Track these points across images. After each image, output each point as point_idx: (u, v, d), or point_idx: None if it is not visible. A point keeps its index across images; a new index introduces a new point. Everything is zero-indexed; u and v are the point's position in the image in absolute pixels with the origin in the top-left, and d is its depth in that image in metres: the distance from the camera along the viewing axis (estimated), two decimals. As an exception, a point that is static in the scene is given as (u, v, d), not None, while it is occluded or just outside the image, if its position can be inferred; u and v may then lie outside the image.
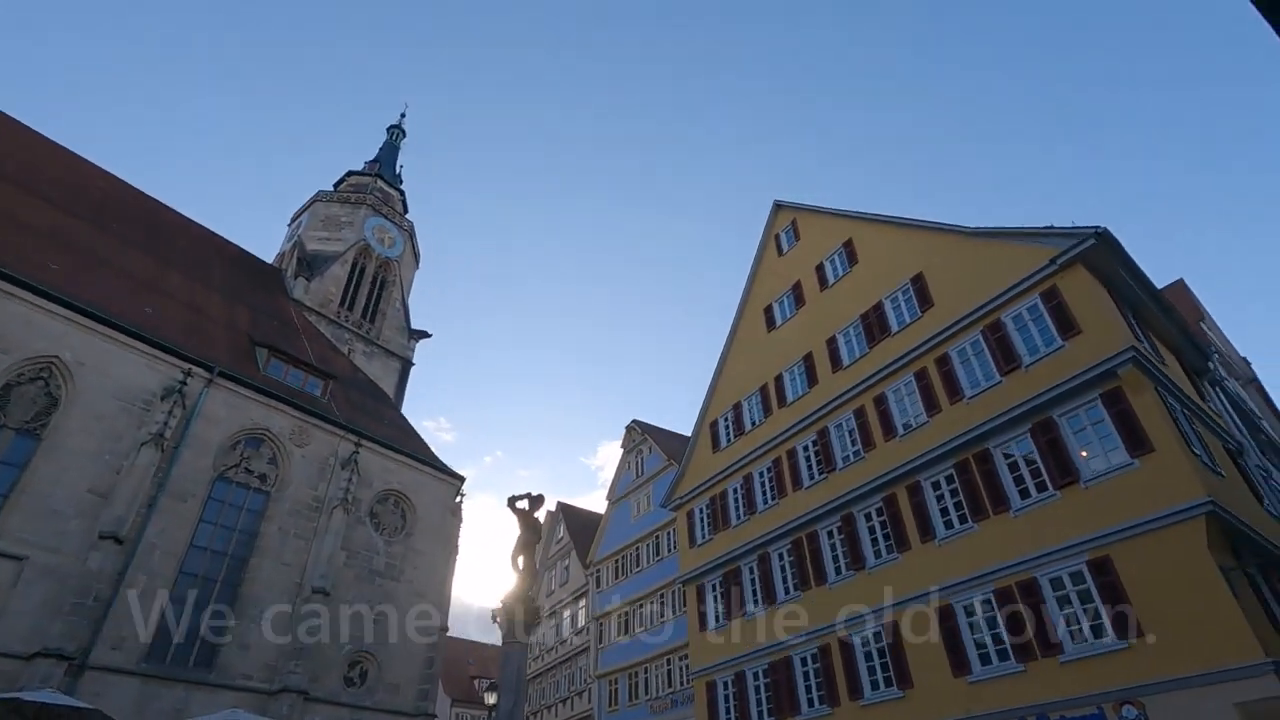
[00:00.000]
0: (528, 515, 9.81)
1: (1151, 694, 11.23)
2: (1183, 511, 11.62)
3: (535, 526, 9.68)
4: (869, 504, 17.25)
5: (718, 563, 21.22)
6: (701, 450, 23.91)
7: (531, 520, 9.75)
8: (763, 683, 18.50)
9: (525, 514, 9.83)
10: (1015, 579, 13.65)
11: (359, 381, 31.42)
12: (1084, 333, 13.92)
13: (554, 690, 33.78)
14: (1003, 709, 13.02)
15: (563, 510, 38.11)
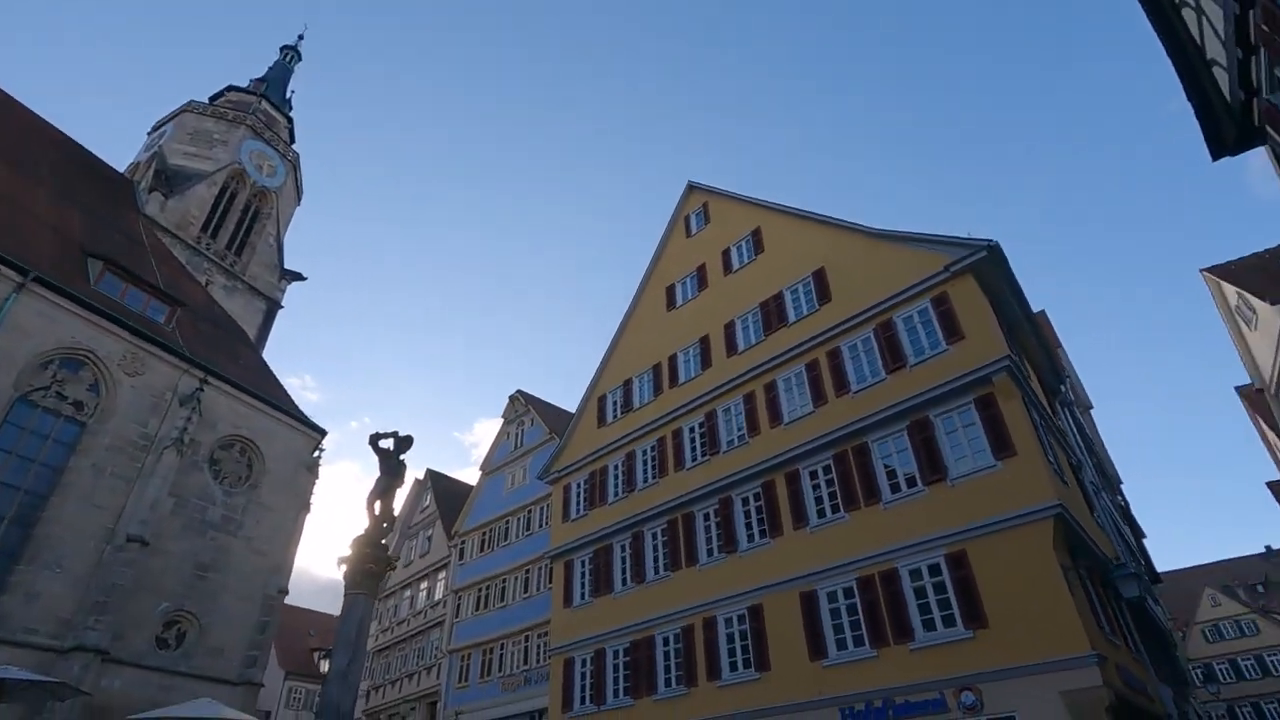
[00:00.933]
0: (391, 457, 8.75)
1: (989, 681, 11.83)
2: (1036, 512, 12.33)
3: (398, 470, 8.64)
4: (748, 489, 17.31)
5: (590, 539, 20.68)
6: (586, 424, 23.27)
7: (395, 463, 8.69)
8: (622, 661, 18.17)
9: (388, 455, 8.76)
10: (878, 569, 14.04)
11: (215, 315, 28.16)
12: (967, 339, 14.53)
13: (400, 664, 32.04)
14: (852, 692, 13.34)
15: (431, 478, 36.22)
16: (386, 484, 8.38)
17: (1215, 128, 10.50)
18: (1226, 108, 10.16)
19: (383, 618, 35.27)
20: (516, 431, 31.44)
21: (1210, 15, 9.24)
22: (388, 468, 8.55)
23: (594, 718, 18.03)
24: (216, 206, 35.38)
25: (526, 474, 28.99)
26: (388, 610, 35.14)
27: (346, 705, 7.13)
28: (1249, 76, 9.24)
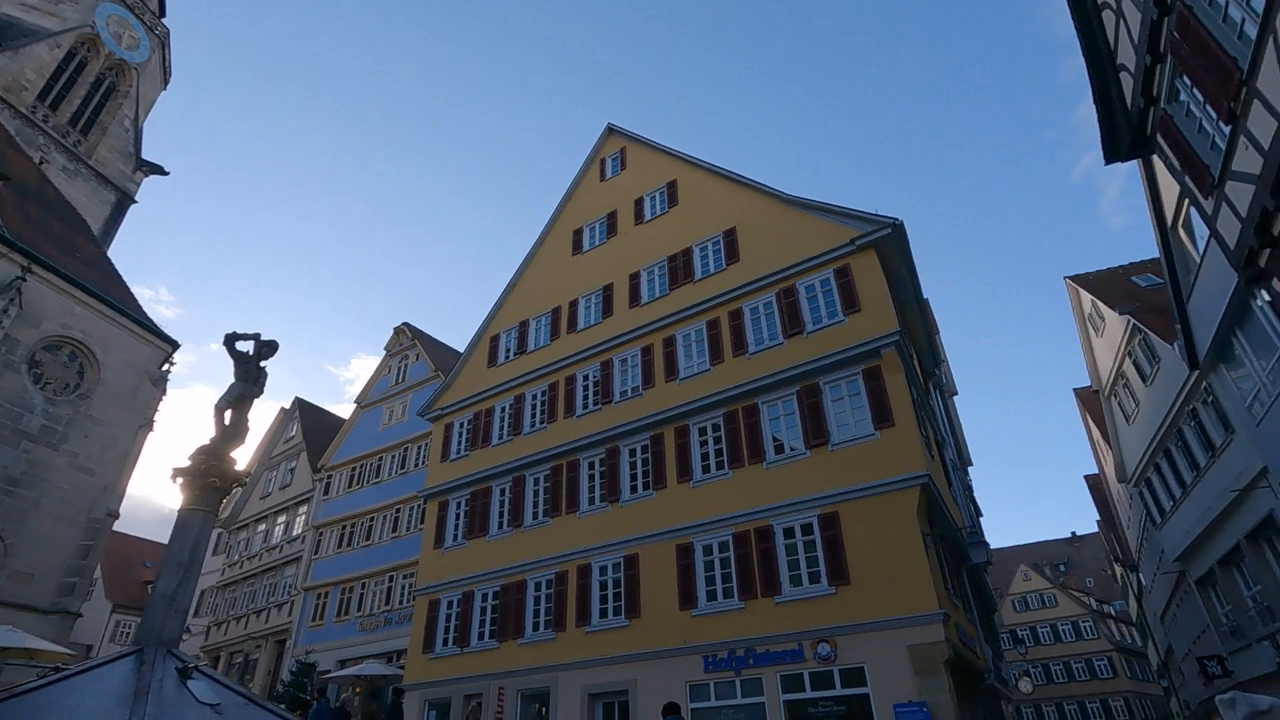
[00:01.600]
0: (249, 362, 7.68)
1: (844, 634, 12.47)
2: (906, 481, 12.99)
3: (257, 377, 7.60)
4: (636, 440, 17.20)
5: (469, 480, 19.95)
6: (476, 363, 22.27)
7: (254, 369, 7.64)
8: (491, 604, 17.80)
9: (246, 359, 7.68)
10: (754, 525, 14.39)
11: (48, 199, 24.34)
12: (862, 312, 14.95)
13: (248, 600, 30.03)
14: (717, 641, 13.70)
15: (299, 407, 33.74)
16: (241, 391, 7.33)
17: (1113, 134, 11.15)
18: (1126, 116, 10.78)
19: (231, 551, 32.87)
20: (399, 366, 29.75)
21: (1129, 18, 9.65)
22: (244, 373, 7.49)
23: (456, 659, 17.61)
24: (60, 74, 30.46)
25: (406, 410, 27.57)
26: (238, 543, 32.75)
27: (171, 632, 6.25)
28: (1151, 85, 9.78)
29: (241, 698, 6.04)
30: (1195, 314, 16.16)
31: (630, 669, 14.58)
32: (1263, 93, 7.28)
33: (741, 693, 13.18)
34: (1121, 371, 22.25)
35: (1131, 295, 21.07)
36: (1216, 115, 8.28)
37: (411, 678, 18.19)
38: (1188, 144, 9.28)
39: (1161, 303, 20.09)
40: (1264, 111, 7.37)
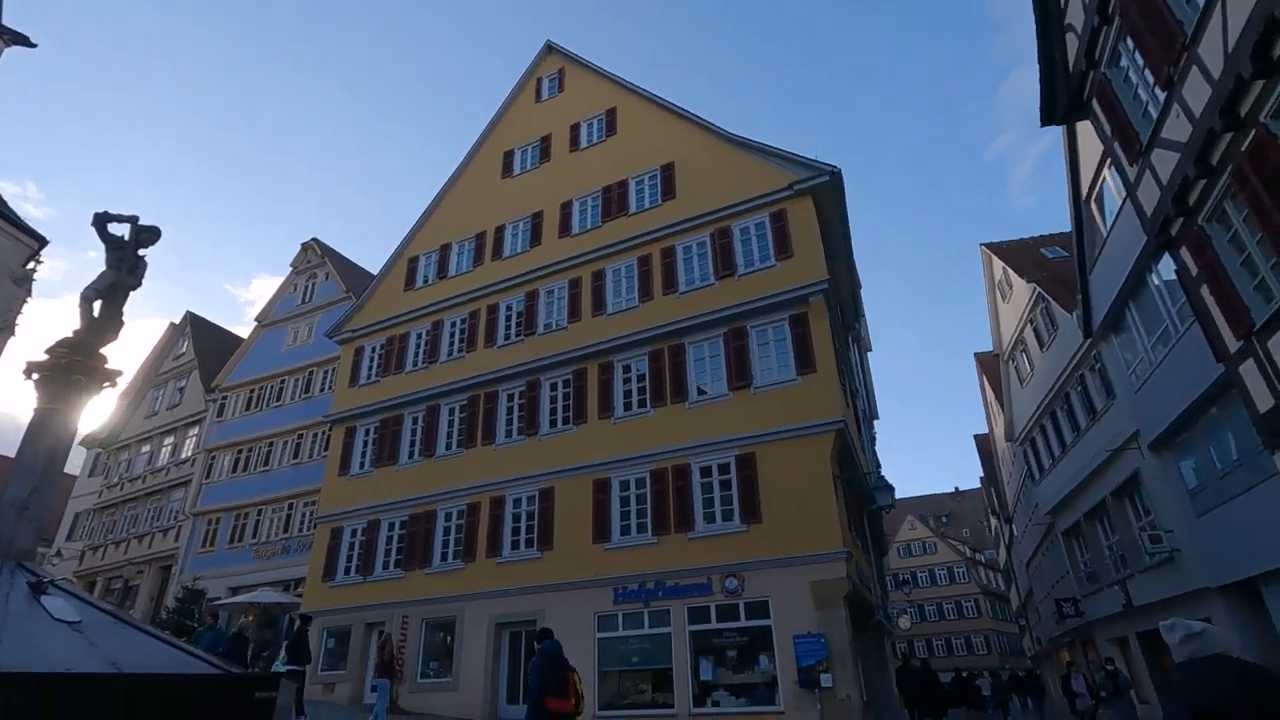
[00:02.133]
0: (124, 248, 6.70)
1: (752, 570, 12.83)
2: (823, 425, 13.28)
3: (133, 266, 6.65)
4: (559, 374, 16.81)
5: (380, 407, 19.06)
6: (391, 285, 21.03)
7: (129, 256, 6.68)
8: (398, 534, 17.28)
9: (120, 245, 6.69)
10: (672, 463, 14.44)
11: (-123, 53, 20.64)
12: (795, 258, 14.95)
13: (129, 524, 28.10)
14: (627, 574, 13.84)
15: (191, 322, 31.16)
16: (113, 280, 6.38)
17: (1052, 96, 11.30)
18: (1067, 78, 10.93)
19: (111, 473, 30.52)
20: (307, 284, 27.82)
21: (1084, -25, 9.66)
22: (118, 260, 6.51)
23: (359, 588, 17.10)
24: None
25: (313, 332, 25.93)
26: (118, 464, 30.41)
27: (23, 544, 5.50)
28: (1095, 47, 9.89)
29: (108, 615, 5.43)
30: (1096, 285, 17.15)
31: (540, 599, 14.57)
32: (1202, 59, 7.42)
33: (649, 624, 13.43)
34: (1022, 338, 23.60)
35: (1039, 266, 22.16)
36: (1154, 80, 8.45)
37: (310, 605, 17.54)
38: (1122, 109, 9.51)
39: (1066, 274, 21.26)
40: (1200, 79, 7.53)
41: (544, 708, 5.41)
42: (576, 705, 5.67)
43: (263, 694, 4.90)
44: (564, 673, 5.80)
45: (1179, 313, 13.77)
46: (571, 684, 5.77)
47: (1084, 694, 11.13)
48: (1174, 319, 13.98)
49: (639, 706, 12.97)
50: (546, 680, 5.61)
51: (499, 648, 14.89)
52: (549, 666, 5.72)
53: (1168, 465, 15.80)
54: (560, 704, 5.48)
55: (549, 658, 5.84)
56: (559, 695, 5.51)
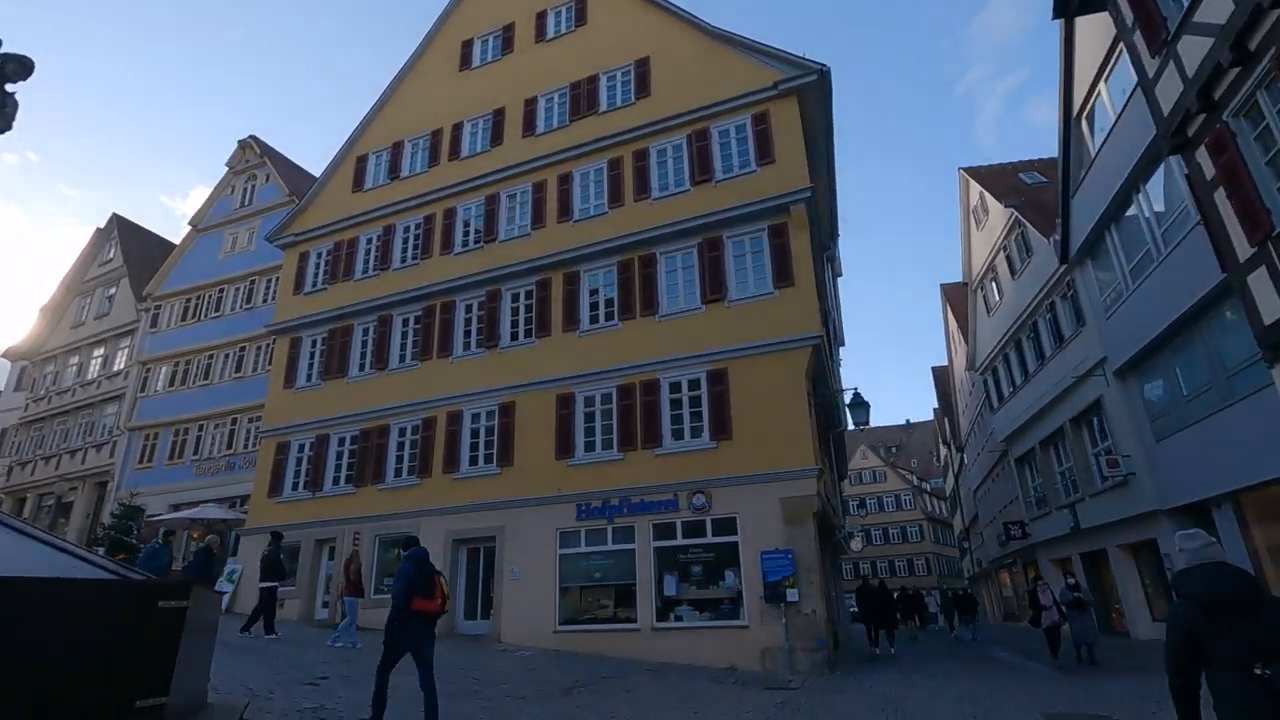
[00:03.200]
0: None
1: (721, 486, 12.45)
2: (799, 341, 12.72)
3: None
4: (522, 284, 15.80)
5: (328, 317, 17.80)
6: (338, 185, 19.36)
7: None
8: (349, 449, 16.44)
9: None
10: (640, 378, 13.80)
11: None
12: (776, 164, 14.00)
13: (60, 439, 26.53)
14: (591, 490, 13.36)
15: (119, 226, 28.71)
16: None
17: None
18: (1085, -35, 9.99)
19: (37, 386, 28.60)
20: (246, 186, 25.66)
21: None
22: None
23: (307, 503, 16.34)
24: None
25: (253, 238, 24.08)
26: (44, 377, 28.49)
27: None
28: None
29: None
30: (1077, 208, 16.70)
31: (499, 515, 14.06)
32: (1258, -79, 6.60)
33: (612, 540, 13.07)
34: (993, 265, 23.35)
35: (1017, 191, 21.67)
36: (1194, -46, 7.63)
37: (255, 522, 16.77)
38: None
39: (1043, 200, 20.83)
40: (1251, -54, 6.74)
41: (411, 608, 5.74)
42: (442, 605, 6.05)
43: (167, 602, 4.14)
44: (431, 576, 6.03)
45: (1163, 236, 13.44)
46: (438, 586, 6.04)
47: (1051, 607, 11.25)
48: (1157, 242, 13.65)
49: (600, 621, 12.74)
50: (415, 583, 5.81)
51: (456, 564, 14.43)
52: (416, 570, 5.92)
53: (1131, 392, 15.88)
54: (427, 604, 5.82)
55: (416, 562, 6.01)
56: (426, 596, 5.84)
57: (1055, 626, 11.01)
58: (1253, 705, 2.65)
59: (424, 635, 5.86)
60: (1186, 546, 3.18)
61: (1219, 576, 2.97)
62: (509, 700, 7.83)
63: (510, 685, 8.82)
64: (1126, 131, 13.92)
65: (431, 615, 5.91)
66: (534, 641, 12.72)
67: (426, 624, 5.88)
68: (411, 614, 5.75)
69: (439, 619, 6.13)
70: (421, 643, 5.82)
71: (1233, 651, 2.75)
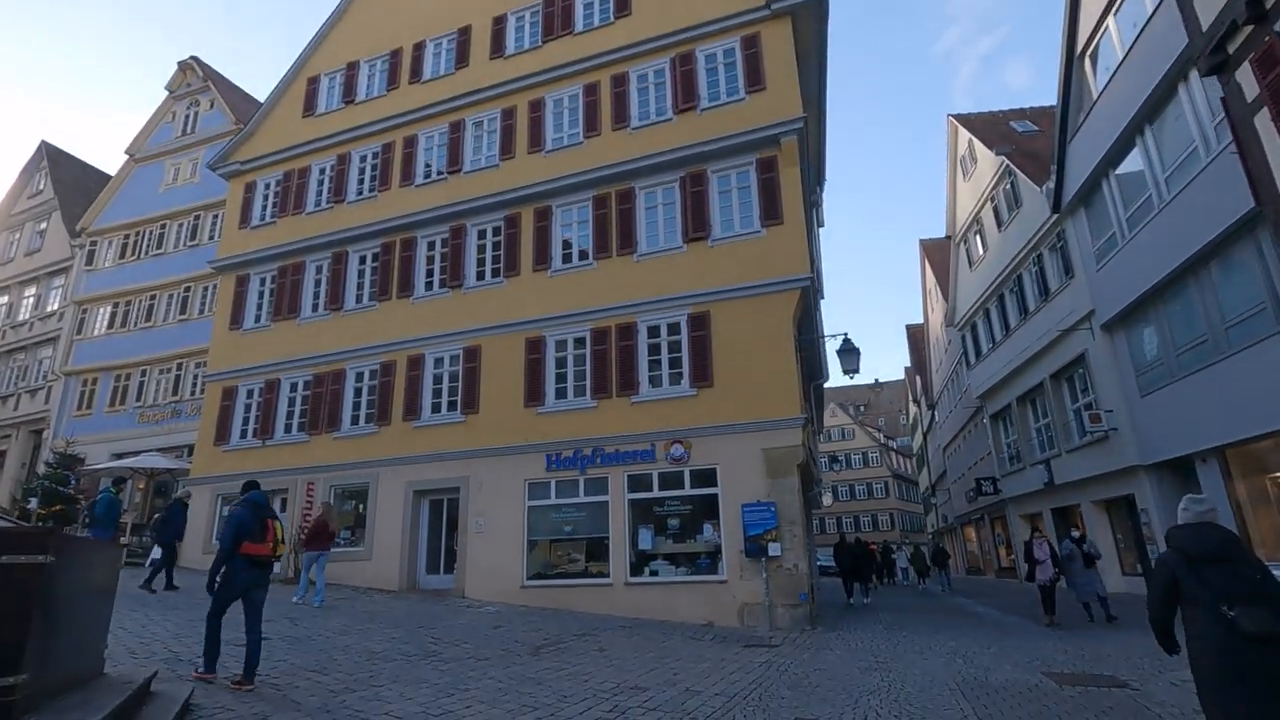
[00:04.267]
0: None
1: (701, 436, 11.74)
2: (788, 282, 11.91)
3: None
4: (489, 219, 14.63)
5: (277, 252, 16.43)
6: (288, 109, 17.71)
7: None
8: (301, 395, 15.33)
9: None
10: (616, 321, 12.90)
11: None
12: (767, 91, 12.94)
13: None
14: (562, 439, 12.56)
15: (48, 154, 26.39)
16: None
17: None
18: None
19: (-38, 326, 26.52)
20: (188, 113, 23.62)
21: None
22: None
23: (258, 452, 15.26)
24: None
25: (197, 169, 22.24)
26: (-30, 317, 26.41)
27: None
28: None
29: None
30: (1074, 154, 16.00)
31: (463, 466, 13.20)
32: None
33: (585, 492, 12.34)
34: (979, 218, 22.72)
35: (1008, 139, 20.91)
36: None
37: (200, 471, 15.66)
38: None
39: (1035, 149, 20.10)
40: None
41: (240, 552, 5.56)
42: (274, 549, 5.87)
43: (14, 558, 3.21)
44: (265, 520, 5.84)
45: (1166, 181, 12.81)
46: (271, 530, 5.84)
47: (1046, 561, 10.77)
48: (1160, 188, 13.03)
49: (571, 576, 12.09)
50: (244, 526, 5.63)
51: (417, 516, 13.60)
52: (249, 514, 5.74)
53: (1118, 346, 15.51)
54: (258, 548, 5.68)
55: (251, 506, 5.86)
56: (258, 540, 5.68)
57: (1052, 583, 10.57)
58: (1218, 639, 3.11)
59: (254, 579, 5.75)
60: (1191, 508, 3.57)
61: (1205, 532, 3.42)
62: (469, 662, 7.10)
63: (472, 645, 8.10)
64: (1135, 68, 13.14)
65: (263, 559, 5.78)
66: (500, 597, 12.04)
67: (258, 568, 5.76)
68: (240, 558, 5.58)
69: (272, 564, 6.05)
70: (251, 586, 5.72)
71: (1206, 596, 3.19)
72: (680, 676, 6.86)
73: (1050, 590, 10.73)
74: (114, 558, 4.72)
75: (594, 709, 5.44)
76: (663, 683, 6.52)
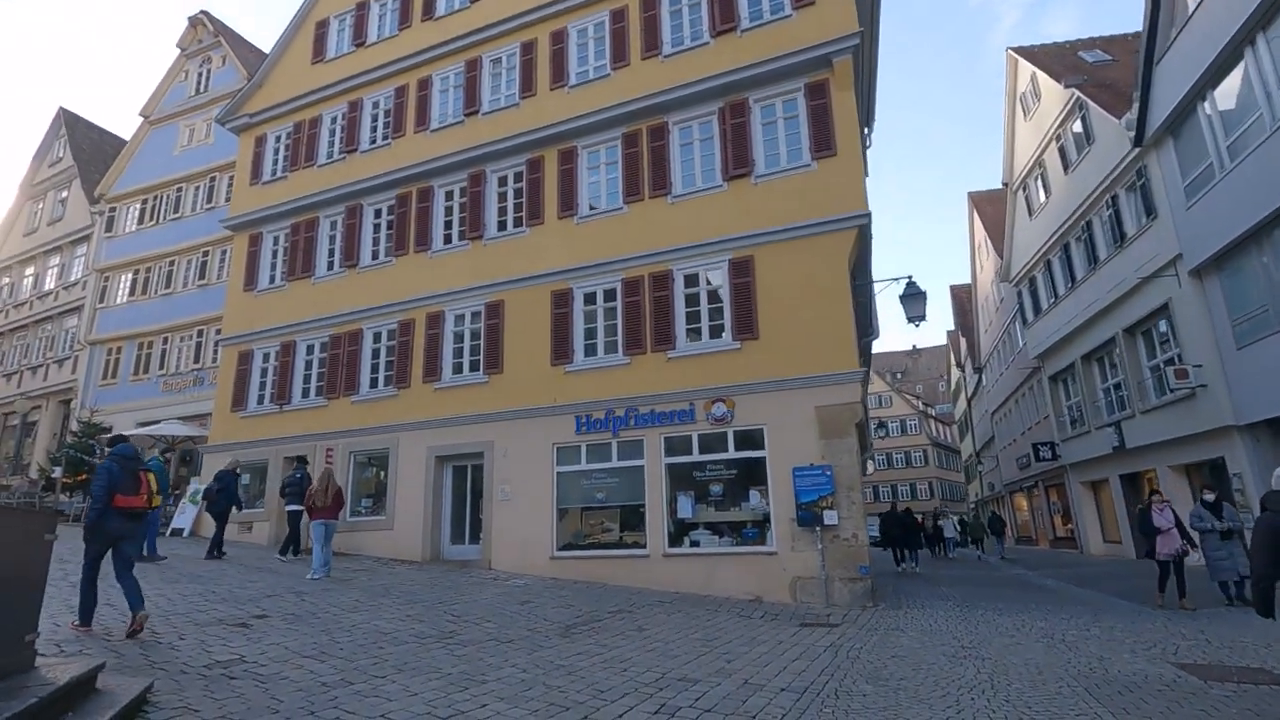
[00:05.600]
0: None
1: (745, 393, 10.61)
2: (843, 221, 10.60)
3: None
4: (509, 163, 13.50)
5: (289, 208, 15.56)
6: (296, 56, 16.68)
7: None
8: (318, 357, 14.55)
9: None
10: (650, 269, 11.75)
11: None
12: (816, 4, 11.46)
13: (21, 354, 24.68)
14: (593, 400, 11.54)
15: (66, 121, 25.89)
16: None
17: None
18: None
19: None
20: (200, 71, 22.78)
21: None
22: None
23: (275, 418, 14.59)
24: None
25: (211, 129, 21.42)
26: (0, 289, 26.34)
27: None
28: None
29: None
30: (1162, 78, 14.16)
31: (487, 429, 12.29)
32: None
33: (618, 456, 11.33)
34: (1041, 160, 20.84)
35: (1078, 69, 18.92)
36: None
37: (218, 438, 15.07)
38: None
39: (1109, 78, 18.16)
40: None
41: (112, 505, 5.65)
42: (149, 500, 5.95)
43: None
44: (136, 472, 5.90)
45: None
46: (144, 482, 5.91)
47: (1171, 530, 9.04)
48: (1274, 106, 11.30)
49: (604, 547, 11.16)
50: (115, 478, 5.69)
51: (440, 483, 12.78)
52: (119, 466, 5.79)
53: (1209, 293, 13.84)
54: (130, 499, 5.76)
55: (120, 459, 5.89)
56: (130, 492, 5.76)
57: (1180, 557, 8.95)
58: None
59: (124, 530, 5.80)
60: None
61: None
62: (490, 646, 6.18)
63: (496, 624, 7.19)
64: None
65: (136, 511, 5.84)
66: (528, 569, 11.18)
67: (129, 519, 5.83)
68: (112, 510, 5.67)
69: (152, 517, 6.31)
70: (122, 537, 5.76)
71: None
72: (735, 664, 5.84)
73: (1177, 566, 9.02)
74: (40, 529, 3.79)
75: (637, 709, 4.44)
76: (714, 672, 5.51)
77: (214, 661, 5.09)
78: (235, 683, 4.60)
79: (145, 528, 6.56)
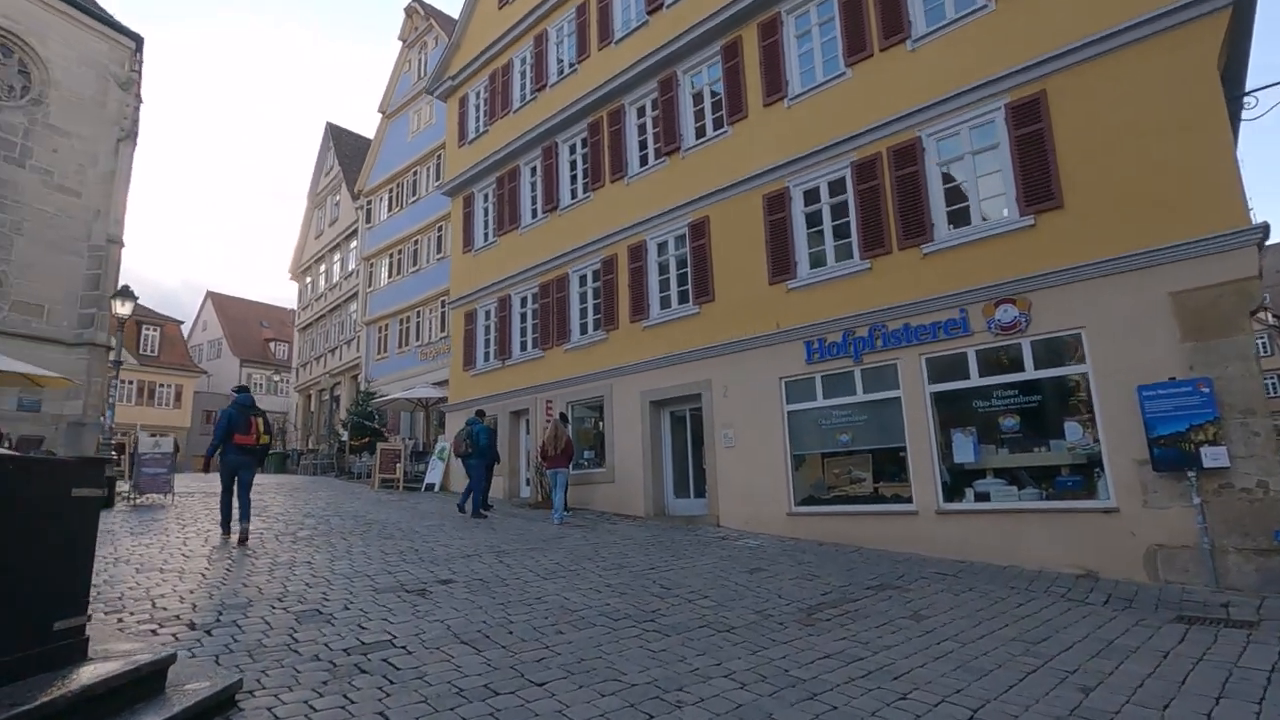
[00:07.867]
0: None
1: (1046, 287, 7.48)
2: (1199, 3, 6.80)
3: None
4: (702, 57, 11.48)
5: (492, 161, 15.31)
6: (484, 7, 16.28)
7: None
8: (531, 308, 14.15)
9: None
10: (889, 143, 9.00)
11: None
12: None
13: (324, 339, 29.06)
14: (825, 320, 9.19)
15: (332, 134, 29.51)
16: None
17: None
18: None
19: (303, 294, 31.72)
20: (418, 58, 24.08)
21: None
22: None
23: (499, 373, 14.58)
24: None
25: (433, 110, 22.49)
26: (307, 287, 31.35)
27: None
28: None
29: None
30: None
31: (702, 368, 10.64)
32: None
33: (863, 387, 8.91)
34: None
35: None
36: None
37: (455, 398, 15.60)
38: None
39: None
40: None
41: (232, 441, 7.18)
42: (258, 439, 7.32)
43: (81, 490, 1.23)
44: (249, 417, 7.29)
45: None
46: (254, 425, 7.31)
47: None
48: None
49: (855, 501, 8.90)
50: (233, 421, 7.16)
51: (658, 431, 11.49)
52: (236, 412, 7.24)
53: None
54: (244, 438, 7.19)
55: (239, 406, 7.32)
56: (243, 432, 7.17)
57: None
58: None
59: (240, 462, 7.27)
60: None
61: None
62: (701, 635, 4.49)
63: (713, 601, 5.50)
64: None
65: (248, 447, 7.27)
66: (761, 526, 9.39)
67: (244, 453, 7.26)
68: (231, 446, 7.14)
69: (262, 452, 7.65)
70: (239, 467, 7.25)
71: None
72: (1097, 696, 3.41)
73: None
74: (66, 483, 2.86)
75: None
76: (1065, 708, 3.17)
77: (356, 644, 4.08)
78: (356, 681, 3.47)
79: (257, 460, 7.63)
